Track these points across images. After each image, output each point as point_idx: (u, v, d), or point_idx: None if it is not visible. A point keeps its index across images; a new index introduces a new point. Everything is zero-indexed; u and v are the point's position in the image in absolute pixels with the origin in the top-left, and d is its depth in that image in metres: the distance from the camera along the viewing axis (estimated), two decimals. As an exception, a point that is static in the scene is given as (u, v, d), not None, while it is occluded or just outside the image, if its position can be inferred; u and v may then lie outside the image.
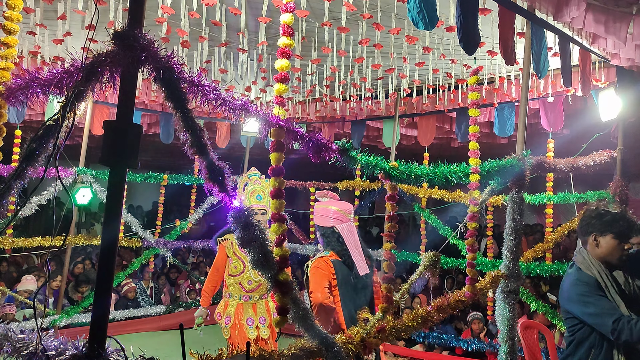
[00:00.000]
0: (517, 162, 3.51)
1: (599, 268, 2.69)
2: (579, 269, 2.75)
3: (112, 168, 1.80)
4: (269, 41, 4.63)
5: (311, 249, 7.64)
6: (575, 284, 2.71)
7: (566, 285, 2.79)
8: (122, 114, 1.80)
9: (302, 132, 2.32)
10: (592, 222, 2.78)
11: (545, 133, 6.48)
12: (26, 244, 6.18)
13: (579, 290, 2.67)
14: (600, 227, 2.73)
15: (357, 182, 7.47)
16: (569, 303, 2.75)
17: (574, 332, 2.76)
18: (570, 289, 2.74)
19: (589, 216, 2.83)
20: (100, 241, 1.82)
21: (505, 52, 3.50)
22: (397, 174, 2.83)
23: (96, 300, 1.87)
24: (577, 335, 2.74)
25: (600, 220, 2.76)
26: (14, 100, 2.23)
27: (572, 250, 9.37)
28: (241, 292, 4.38)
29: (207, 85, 2.00)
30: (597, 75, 5.06)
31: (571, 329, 2.78)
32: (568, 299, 2.75)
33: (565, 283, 2.82)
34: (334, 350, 2.44)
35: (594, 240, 2.75)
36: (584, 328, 2.69)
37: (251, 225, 2.14)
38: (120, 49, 1.82)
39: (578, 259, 2.81)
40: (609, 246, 2.70)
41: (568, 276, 2.82)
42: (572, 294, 2.71)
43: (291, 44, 2.28)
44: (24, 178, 2.09)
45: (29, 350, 1.84)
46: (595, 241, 2.75)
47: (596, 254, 2.74)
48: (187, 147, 2.03)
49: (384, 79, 6.09)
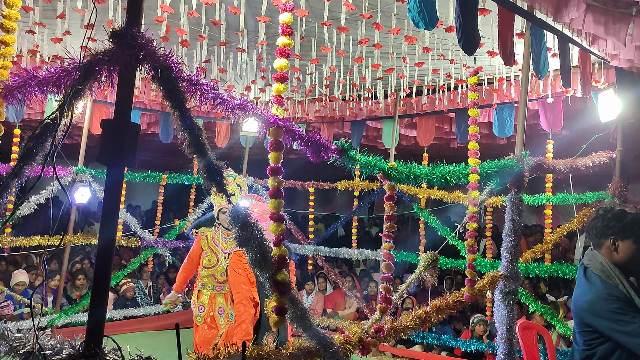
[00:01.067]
0: (516, 162, 3.50)
1: (620, 277, 2.42)
2: (602, 280, 2.45)
3: (110, 167, 1.79)
4: (268, 41, 4.63)
5: (310, 249, 7.64)
6: (605, 299, 2.39)
7: (591, 297, 2.46)
8: (119, 113, 1.80)
9: (300, 132, 2.31)
10: (612, 225, 2.47)
11: (545, 134, 6.48)
12: (25, 243, 6.18)
13: (610, 307, 2.37)
14: (622, 230, 2.44)
15: (356, 182, 7.47)
16: (593, 317, 2.45)
17: (594, 346, 2.49)
18: (598, 303, 2.42)
19: (606, 217, 2.52)
20: (98, 240, 1.82)
21: (505, 53, 3.50)
22: (396, 174, 2.82)
23: (93, 299, 1.86)
24: (599, 349, 2.47)
25: (621, 223, 2.46)
26: (12, 99, 2.23)
27: (571, 252, 9.37)
28: (214, 282, 4.75)
29: (205, 84, 2.00)
30: (597, 76, 5.06)
31: (590, 343, 2.50)
32: (594, 313, 2.44)
33: (587, 294, 2.49)
34: (332, 350, 2.43)
35: (612, 244, 2.47)
36: (608, 343, 2.44)
37: (249, 225, 2.14)
38: (118, 47, 1.81)
39: (595, 266, 2.50)
40: (630, 252, 2.44)
41: (591, 287, 2.49)
42: (601, 309, 2.41)
43: (290, 44, 2.28)
44: (21, 177, 2.08)
45: (26, 350, 1.83)
46: (614, 245, 2.46)
47: (613, 259, 2.48)
48: (185, 147, 2.02)
49: (384, 79, 6.09)
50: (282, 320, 2.27)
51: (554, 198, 5.83)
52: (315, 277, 8.56)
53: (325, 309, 8.08)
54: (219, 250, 4.66)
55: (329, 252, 7.45)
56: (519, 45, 4.35)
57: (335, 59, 5.11)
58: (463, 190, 6.24)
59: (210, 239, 4.77)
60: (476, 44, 2.98)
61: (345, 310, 8.11)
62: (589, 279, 2.51)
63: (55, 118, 1.94)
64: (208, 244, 4.78)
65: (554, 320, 5.54)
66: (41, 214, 8.14)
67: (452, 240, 6.27)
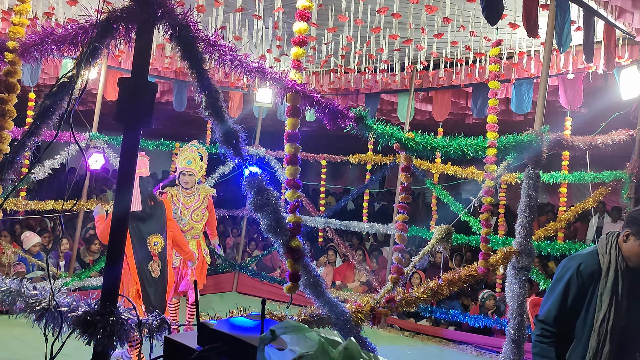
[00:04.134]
0: (535, 137, 3.44)
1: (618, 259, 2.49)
2: (591, 251, 2.60)
3: (127, 126, 1.77)
4: (285, 8, 4.55)
5: (321, 222, 7.65)
6: (568, 264, 2.57)
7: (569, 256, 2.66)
8: (137, 72, 1.77)
9: (318, 98, 2.28)
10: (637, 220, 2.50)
11: (563, 111, 6.35)
12: (39, 206, 6.23)
13: (562, 274, 2.55)
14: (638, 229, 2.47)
15: (369, 155, 7.41)
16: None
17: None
18: (564, 262, 2.62)
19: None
20: (112, 206, 1.81)
21: (528, 24, 3.41)
22: (413, 145, 2.78)
23: (109, 260, 1.87)
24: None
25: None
26: (28, 57, 2.21)
27: (583, 232, 9.31)
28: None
29: (223, 45, 1.96)
30: (620, 53, 4.93)
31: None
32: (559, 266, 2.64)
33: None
34: (344, 318, 2.44)
35: (625, 235, 2.51)
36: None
37: (264, 191, 2.12)
38: (137, 4, 1.78)
39: (601, 241, 2.59)
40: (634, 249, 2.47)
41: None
42: (560, 266, 2.61)
43: (311, 6, 2.23)
44: (38, 135, 2.08)
45: (42, 306, 1.85)
46: (625, 237, 2.50)
47: (621, 248, 2.53)
48: (202, 109, 2.00)
49: (401, 50, 5.98)
50: (296, 286, 2.27)
51: (569, 176, 5.75)
52: (326, 249, 8.60)
53: (334, 281, 8.13)
54: (180, 205, 5.49)
55: (339, 225, 7.45)
56: (542, 18, 4.23)
57: (352, 28, 5.01)
58: (477, 167, 6.18)
59: (175, 197, 5.53)
60: (500, 13, 2.91)
61: (354, 283, 8.15)
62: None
63: (72, 77, 1.91)
64: (173, 200, 5.50)
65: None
66: (55, 180, 8.19)
67: (464, 217, 6.22)
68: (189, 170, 5.49)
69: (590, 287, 2.50)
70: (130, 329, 1.78)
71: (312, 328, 1.04)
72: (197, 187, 5.61)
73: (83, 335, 1.75)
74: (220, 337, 1.15)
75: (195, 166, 5.48)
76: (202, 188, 5.70)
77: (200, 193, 5.61)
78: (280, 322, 0.99)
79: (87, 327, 1.73)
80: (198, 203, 5.54)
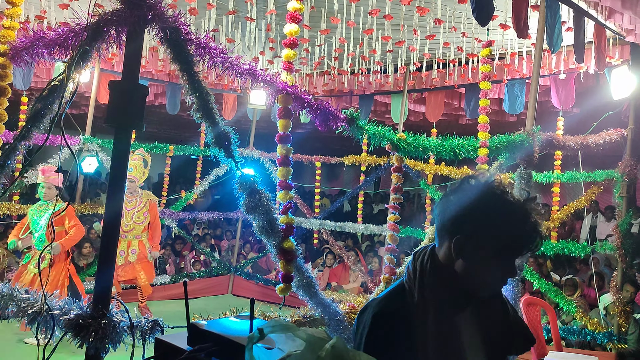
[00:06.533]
0: (527, 137, 3.46)
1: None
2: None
3: (118, 129, 1.78)
4: (277, 10, 4.56)
5: (316, 223, 7.65)
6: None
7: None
8: (127, 75, 1.78)
9: (309, 99, 2.29)
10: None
11: (555, 111, 6.38)
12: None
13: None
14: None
15: (363, 157, 7.43)
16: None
17: None
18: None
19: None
20: (105, 209, 1.82)
21: (518, 25, 3.43)
22: (405, 146, 2.80)
23: (101, 263, 1.87)
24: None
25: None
26: (19, 60, 2.20)
27: (577, 230, 9.35)
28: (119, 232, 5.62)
29: (214, 47, 1.97)
30: (611, 53, 4.96)
31: None
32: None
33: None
34: (337, 319, 2.44)
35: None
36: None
37: (256, 192, 2.13)
38: (127, 7, 1.78)
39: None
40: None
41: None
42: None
43: (301, 8, 2.24)
44: (29, 139, 2.08)
45: (34, 310, 1.85)
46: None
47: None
48: (194, 111, 2.00)
49: (394, 52, 6.00)
50: (288, 287, 2.28)
51: (562, 176, 5.78)
52: (324, 253, 8.59)
53: (329, 282, 8.13)
54: (128, 206, 5.81)
55: (334, 227, 7.46)
56: (533, 19, 4.26)
57: (345, 30, 5.03)
58: (471, 167, 6.20)
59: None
60: (490, 14, 2.92)
61: (349, 284, 8.16)
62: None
63: (63, 80, 1.92)
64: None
65: (558, 298, 5.54)
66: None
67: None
68: (130, 177, 5.81)
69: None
70: (122, 332, 1.79)
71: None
72: (140, 192, 5.98)
73: (75, 339, 1.75)
74: (210, 337, 1.16)
75: (136, 173, 5.88)
76: (145, 193, 6.08)
77: (143, 198, 5.99)
78: (268, 321, 1.00)
79: (80, 330, 1.73)
80: (140, 206, 5.94)
